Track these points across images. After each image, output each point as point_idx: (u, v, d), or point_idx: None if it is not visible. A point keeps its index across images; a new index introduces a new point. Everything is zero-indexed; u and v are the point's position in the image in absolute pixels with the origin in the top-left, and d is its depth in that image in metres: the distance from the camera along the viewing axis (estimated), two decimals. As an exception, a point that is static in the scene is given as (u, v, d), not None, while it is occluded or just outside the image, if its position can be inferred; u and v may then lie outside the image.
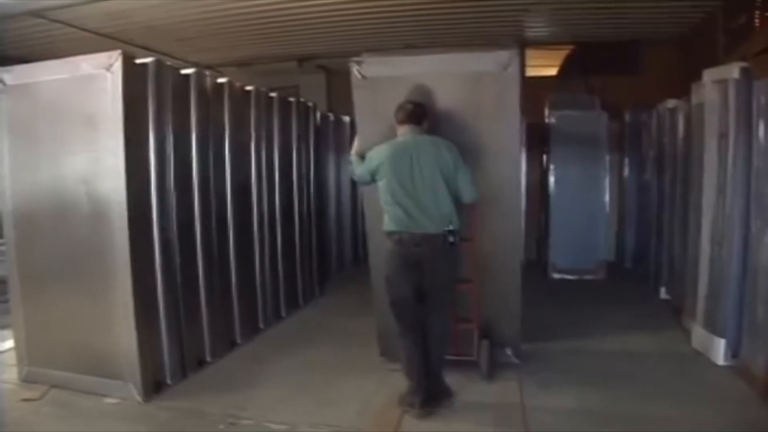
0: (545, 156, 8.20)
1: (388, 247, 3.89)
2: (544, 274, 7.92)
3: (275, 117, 5.96)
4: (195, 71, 4.65)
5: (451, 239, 3.79)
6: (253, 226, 5.61)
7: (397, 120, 3.94)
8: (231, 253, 5.14)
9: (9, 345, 4.77)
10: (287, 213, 6.23)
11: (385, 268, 3.94)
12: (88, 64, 3.94)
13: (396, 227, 3.80)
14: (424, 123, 3.96)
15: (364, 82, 4.30)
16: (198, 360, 4.64)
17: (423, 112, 3.96)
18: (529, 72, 8.62)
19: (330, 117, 8.37)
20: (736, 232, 4.40)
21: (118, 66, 3.81)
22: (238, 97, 5.29)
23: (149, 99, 4.11)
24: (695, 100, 5.17)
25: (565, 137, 7.80)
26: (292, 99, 6.46)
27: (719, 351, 4.50)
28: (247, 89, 5.51)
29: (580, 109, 8.11)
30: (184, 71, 4.55)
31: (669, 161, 6.47)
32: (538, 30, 8.48)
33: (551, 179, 7.93)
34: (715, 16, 6.99)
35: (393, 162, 3.80)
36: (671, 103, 6.41)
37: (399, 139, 3.92)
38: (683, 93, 5.71)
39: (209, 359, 4.75)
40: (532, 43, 8.86)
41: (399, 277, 3.85)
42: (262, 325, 5.65)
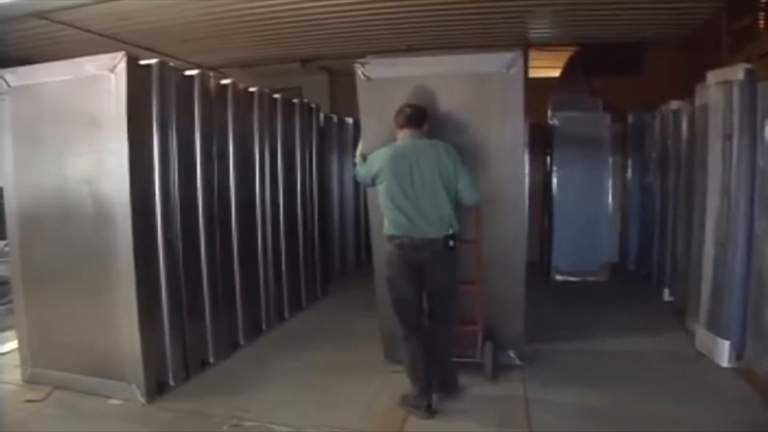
0: (548, 157, 8.20)
1: (389, 250, 3.89)
2: (546, 275, 7.92)
3: (278, 118, 5.97)
4: (198, 72, 4.66)
5: (452, 243, 3.79)
6: (257, 227, 5.61)
7: (397, 124, 3.93)
8: (234, 254, 5.15)
9: (12, 346, 4.78)
10: (290, 214, 6.23)
11: (387, 270, 3.94)
12: (91, 65, 3.95)
13: (397, 231, 3.80)
14: (424, 126, 3.94)
15: (368, 83, 4.31)
16: (201, 361, 4.64)
17: (422, 115, 3.94)
18: (532, 73, 8.59)
19: (333, 118, 8.37)
20: (740, 233, 4.39)
21: (121, 67, 3.82)
22: (241, 99, 5.30)
23: (153, 100, 4.12)
24: (699, 101, 5.17)
25: (568, 138, 7.81)
26: (295, 100, 6.47)
27: (723, 353, 4.49)
28: (251, 90, 5.52)
29: (583, 111, 8.14)
30: (187, 72, 4.57)
31: (672, 163, 6.46)
32: (541, 31, 8.47)
33: (554, 181, 7.94)
34: (719, 17, 6.97)
35: (393, 166, 3.79)
36: (675, 105, 6.40)
37: (399, 144, 3.90)
38: (687, 94, 5.70)
39: (212, 360, 4.75)
40: (535, 45, 8.84)
41: (401, 279, 3.85)
42: (264, 327, 5.65)
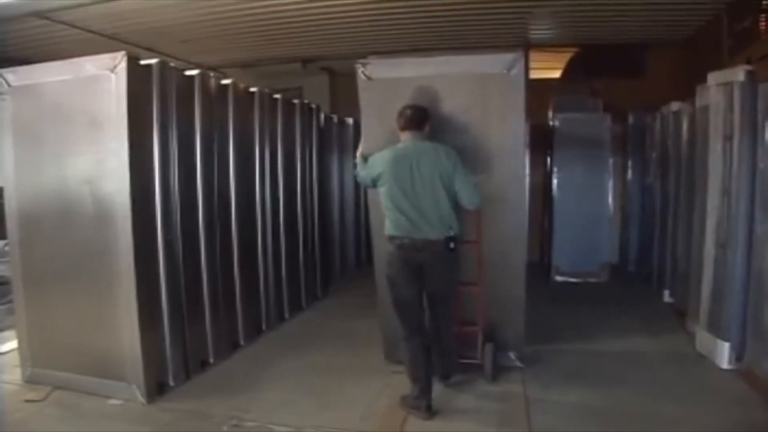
0: (548, 158, 8.20)
1: (389, 250, 3.89)
2: (546, 276, 7.92)
3: (279, 119, 5.96)
4: (199, 72, 4.66)
5: (452, 245, 3.80)
6: (257, 227, 5.61)
7: (398, 126, 3.94)
8: (234, 255, 5.14)
9: (12, 346, 4.78)
10: (291, 215, 6.23)
11: (387, 270, 3.95)
12: (92, 65, 3.95)
13: (397, 232, 3.81)
14: (425, 128, 3.94)
15: (369, 83, 4.32)
16: (201, 361, 4.64)
17: (423, 116, 3.94)
18: (533, 74, 8.59)
19: (334, 119, 8.36)
20: (740, 234, 4.39)
21: (122, 67, 3.82)
22: (242, 99, 5.29)
23: (153, 100, 4.12)
24: (700, 102, 5.17)
25: (569, 139, 7.82)
26: (295, 101, 6.47)
27: (723, 354, 4.48)
28: (251, 91, 5.52)
29: (583, 112, 8.15)
30: (188, 72, 4.57)
31: (673, 164, 6.46)
32: (542, 32, 8.47)
33: (554, 182, 7.94)
34: (720, 18, 6.97)
35: (394, 168, 3.80)
36: (675, 106, 6.40)
37: (400, 146, 3.91)
38: (687, 96, 5.70)
39: (212, 361, 4.75)
40: (535, 46, 8.85)
41: (401, 279, 3.86)
42: (265, 327, 5.65)
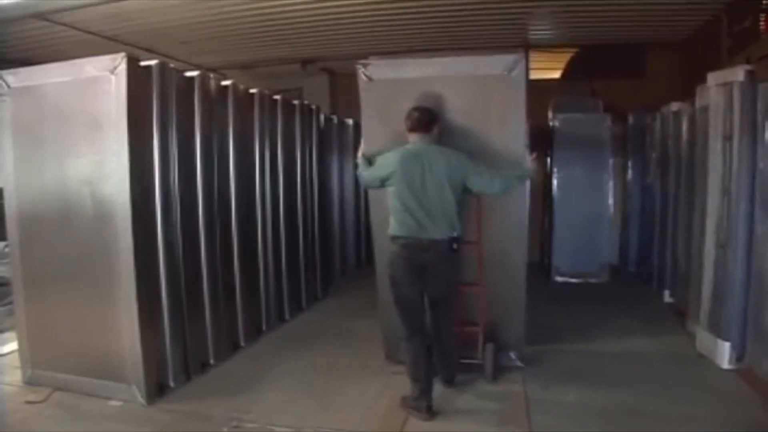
0: (548, 159, 8.20)
1: (393, 250, 3.89)
2: (547, 277, 7.92)
3: (279, 119, 5.96)
4: (199, 74, 4.66)
5: (455, 245, 3.83)
6: (257, 228, 5.61)
7: (406, 128, 3.95)
8: (234, 256, 5.14)
9: (12, 347, 4.78)
10: (291, 215, 6.23)
11: (390, 269, 3.94)
12: (92, 66, 3.95)
13: (403, 232, 3.81)
14: (433, 130, 3.95)
15: (370, 84, 4.33)
16: (201, 363, 4.63)
17: (431, 118, 3.95)
18: (533, 75, 8.59)
19: (333, 119, 8.36)
20: (740, 234, 4.39)
21: (122, 68, 3.82)
22: (241, 100, 5.29)
23: (153, 101, 4.12)
24: (699, 102, 5.17)
25: (569, 140, 7.81)
26: (295, 101, 6.47)
27: (724, 354, 4.48)
28: (251, 92, 5.52)
29: (583, 112, 8.16)
30: (188, 74, 4.56)
31: (673, 164, 6.46)
32: (541, 33, 8.48)
33: (554, 182, 7.94)
34: (720, 19, 6.98)
35: (404, 168, 3.81)
36: (675, 106, 6.40)
37: (409, 147, 3.92)
38: (687, 96, 5.71)
39: (213, 362, 4.75)
40: (535, 46, 8.86)
41: (404, 279, 3.86)
42: (265, 328, 5.64)
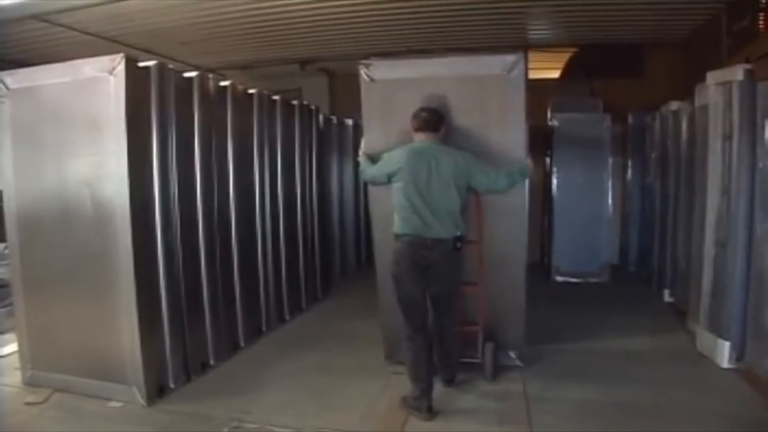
0: (548, 158, 8.20)
1: (396, 248, 3.90)
2: (547, 276, 7.92)
3: (278, 120, 5.96)
4: (198, 74, 4.66)
5: (458, 244, 3.86)
6: (257, 228, 5.60)
7: (413, 127, 3.97)
8: (234, 256, 5.14)
9: (12, 348, 4.78)
10: (290, 216, 6.23)
11: (394, 268, 3.93)
12: (91, 67, 3.94)
13: (408, 230, 3.82)
14: (440, 130, 3.99)
15: (372, 84, 4.35)
16: (201, 363, 4.63)
17: (439, 119, 3.98)
18: (532, 74, 8.54)
19: (333, 120, 8.36)
20: (740, 233, 4.39)
21: (120, 69, 3.82)
22: (240, 100, 5.29)
23: (152, 102, 4.11)
24: (699, 102, 5.17)
25: (568, 140, 7.81)
26: (294, 102, 6.47)
27: (724, 354, 4.48)
28: (250, 92, 5.51)
29: (583, 112, 8.15)
30: (186, 74, 4.56)
31: (672, 163, 6.46)
32: (540, 32, 8.47)
33: (554, 182, 7.94)
34: (719, 18, 6.97)
35: (410, 166, 3.83)
36: (675, 105, 6.41)
37: (416, 145, 3.94)
38: (687, 95, 5.71)
39: (213, 363, 4.74)
40: (534, 46, 8.84)
41: (407, 278, 3.86)
42: (265, 328, 5.64)
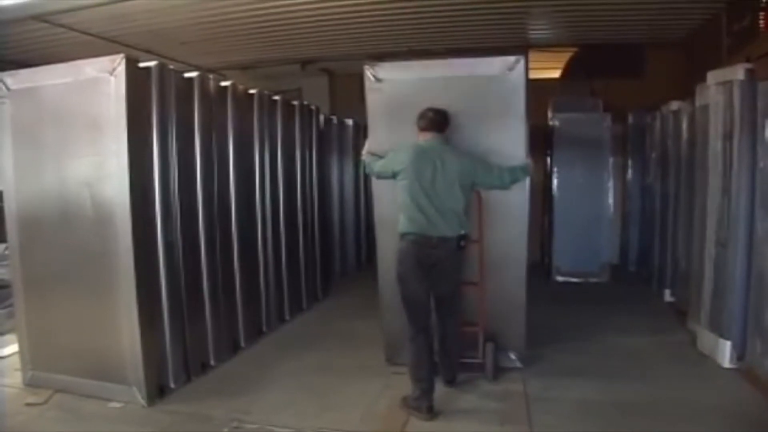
0: (548, 158, 8.20)
1: (401, 247, 3.91)
2: (547, 276, 7.92)
3: (278, 120, 5.96)
4: (198, 74, 4.66)
5: (462, 243, 3.88)
6: (257, 229, 5.61)
7: (420, 127, 4.01)
8: (235, 257, 5.14)
9: (13, 349, 4.77)
10: (291, 216, 6.23)
11: (399, 267, 3.94)
12: (91, 67, 3.95)
13: (413, 228, 3.84)
14: (446, 130, 4.04)
15: (377, 84, 4.45)
16: (202, 364, 4.63)
17: (445, 119, 4.03)
18: (533, 74, 8.52)
19: (333, 120, 8.36)
20: (741, 233, 4.39)
21: (121, 69, 3.82)
22: (241, 100, 5.29)
23: (153, 102, 4.12)
24: (699, 101, 5.17)
25: (569, 140, 7.81)
26: (295, 102, 6.47)
27: (725, 353, 4.48)
28: (251, 92, 5.52)
29: (583, 112, 8.15)
30: (187, 74, 4.56)
31: (673, 163, 6.46)
32: (541, 32, 8.46)
33: (554, 182, 7.94)
34: (719, 17, 6.97)
35: (416, 164, 3.85)
36: (675, 105, 6.41)
37: (422, 144, 3.97)
38: (687, 95, 5.70)
39: (213, 363, 4.74)
40: (535, 46, 8.84)
41: (412, 277, 3.87)
42: (265, 328, 5.64)
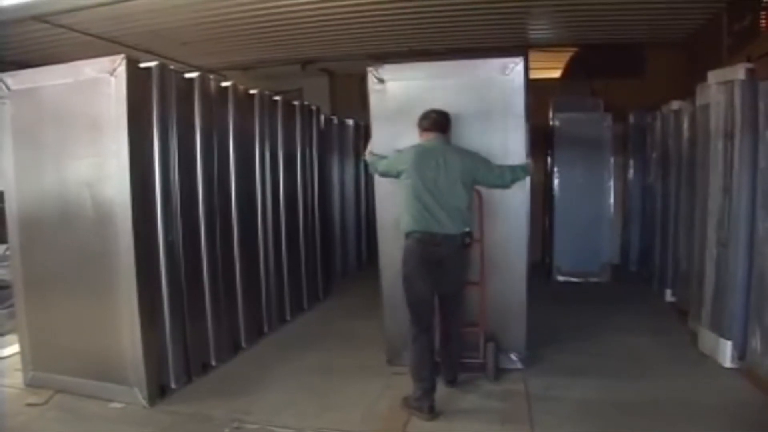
0: (549, 158, 8.19)
1: (406, 246, 3.92)
2: (548, 276, 7.92)
3: (279, 120, 5.96)
4: (199, 75, 4.66)
5: (467, 240, 3.90)
6: (258, 229, 5.61)
7: (423, 127, 4.07)
8: (236, 257, 5.14)
9: (14, 350, 4.77)
10: (291, 216, 6.23)
11: (403, 267, 3.94)
12: (91, 68, 3.95)
13: (417, 226, 3.85)
14: (448, 131, 4.10)
15: (380, 85, 4.53)
16: (203, 364, 4.63)
17: (446, 120, 4.09)
18: (533, 74, 8.56)
19: (334, 120, 8.36)
20: (742, 233, 4.39)
21: (121, 70, 3.83)
22: (242, 101, 5.29)
23: (153, 103, 4.12)
24: (700, 101, 5.16)
25: (569, 139, 7.82)
26: (295, 102, 6.47)
27: (726, 353, 4.48)
28: (251, 92, 5.52)
29: (584, 112, 8.15)
30: (187, 75, 4.57)
31: (674, 163, 6.46)
32: (541, 32, 8.45)
33: (555, 182, 7.94)
34: (720, 17, 6.96)
35: (419, 163, 3.89)
36: (676, 105, 6.40)
37: (425, 144, 4.02)
38: (688, 95, 5.70)
39: (214, 363, 4.74)
40: (535, 46, 8.83)
41: (417, 277, 3.87)
42: (266, 329, 5.64)
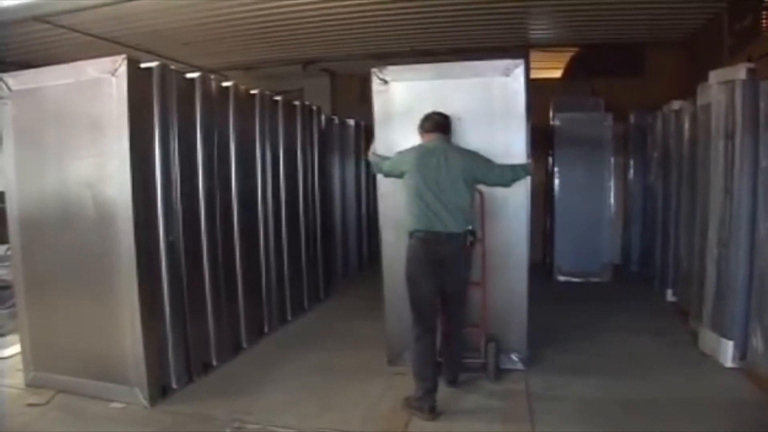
0: (550, 158, 8.19)
1: (410, 246, 3.94)
2: (549, 276, 7.92)
3: (280, 120, 5.97)
4: (200, 75, 4.66)
5: (471, 239, 3.92)
6: (259, 229, 5.61)
7: (425, 129, 4.12)
8: (236, 257, 5.14)
9: (15, 350, 4.77)
10: (292, 217, 6.23)
11: (407, 267, 3.96)
12: (93, 68, 3.95)
13: (420, 226, 3.87)
14: (449, 133, 4.16)
15: (384, 86, 4.58)
16: (204, 364, 4.63)
17: (448, 122, 4.16)
18: (533, 74, 8.56)
19: (335, 120, 8.36)
20: (742, 233, 4.39)
21: (123, 70, 3.83)
22: (243, 101, 5.30)
23: (154, 103, 4.12)
24: (701, 101, 5.16)
25: (570, 139, 7.82)
26: (296, 102, 6.48)
27: (726, 353, 4.48)
28: (252, 93, 5.53)
29: (584, 112, 8.16)
30: (189, 75, 4.57)
31: (674, 163, 6.46)
32: (542, 32, 8.45)
33: (556, 181, 7.94)
34: (721, 17, 6.96)
35: (421, 163, 3.92)
36: (676, 105, 6.40)
37: (427, 144, 4.07)
38: (688, 94, 5.69)
39: (215, 363, 4.74)
40: (536, 46, 8.84)
41: (421, 276, 3.88)
42: (267, 329, 5.64)
